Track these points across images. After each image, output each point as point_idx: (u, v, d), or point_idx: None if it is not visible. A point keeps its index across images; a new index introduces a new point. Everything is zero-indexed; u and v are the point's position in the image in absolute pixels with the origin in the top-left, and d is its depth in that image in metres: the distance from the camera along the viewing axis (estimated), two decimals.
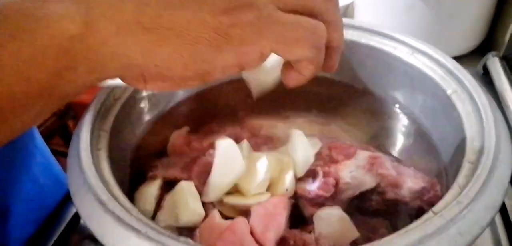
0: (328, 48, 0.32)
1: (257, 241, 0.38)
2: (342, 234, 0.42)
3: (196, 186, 0.45)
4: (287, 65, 0.33)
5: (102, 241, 0.31)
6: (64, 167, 0.58)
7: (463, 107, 0.41)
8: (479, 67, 0.78)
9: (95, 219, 0.32)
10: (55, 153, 0.58)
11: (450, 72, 0.45)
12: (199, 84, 0.29)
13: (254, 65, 0.29)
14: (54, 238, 0.52)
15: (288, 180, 0.45)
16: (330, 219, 0.42)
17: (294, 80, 0.33)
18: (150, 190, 0.46)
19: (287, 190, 0.44)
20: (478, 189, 0.31)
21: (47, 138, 0.61)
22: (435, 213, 0.30)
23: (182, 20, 0.26)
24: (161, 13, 0.26)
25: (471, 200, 0.30)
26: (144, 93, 0.50)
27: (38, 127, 0.86)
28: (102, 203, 0.33)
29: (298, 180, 0.46)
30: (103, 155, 0.40)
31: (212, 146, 0.53)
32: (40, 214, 0.53)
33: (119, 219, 0.31)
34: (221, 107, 0.59)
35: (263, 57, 0.29)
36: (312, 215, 0.44)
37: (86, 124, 0.41)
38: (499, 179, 0.32)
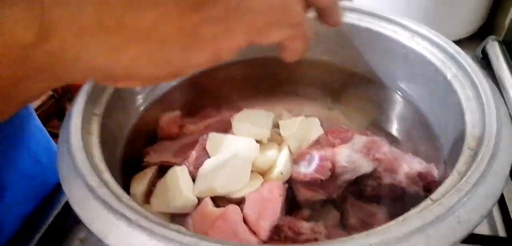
0: (321, 9, 0.31)
1: (250, 230, 0.37)
2: None
3: (190, 172, 0.44)
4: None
5: (91, 229, 0.30)
6: None
7: (464, 93, 0.40)
8: (478, 51, 0.77)
9: (84, 206, 0.31)
10: (52, 135, 0.58)
11: (450, 56, 0.44)
12: (174, 80, 0.28)
13: (231, 57, 0.28)
14: (50, 219, 0.51)
15: (282, 162, 0.44)
16: None
17: (289, 57, 0.32)
18: (145, 177, 0.45)
19: (282, 173, 0.44)
20: (478, 177, 0.30)
21: (44, 120, 0.61)
22: (433, 201, 0.29)
23: (146, 20, 0.24)
24: (123, 13, 0.24)
25: (471, 188, 0.29)
26: None
27: (36, 110, 0.85)
28: (91, 189, 0.32)
29: (294, 163, 0.46)
30: (95, 140, 0.39)
31: (207, 129, 0.53)
32: (41, 192, 0.53)
33: (108, 206, 0.30)
34: (217, 91, 0.58)
35: (240, 48, 0.27)
36: (306, 200, 0.44)
37: (77, 107, 0.40)
38: (500, 166, 0.31)
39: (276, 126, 0.50)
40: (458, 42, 0.45)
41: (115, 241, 0.29)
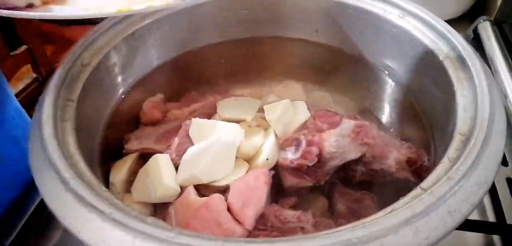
0: None
1: (235, 219, 0.36)
2: None
3: (173, 159, 0.42)
4: None
5: (64, 223, 0.28)
6: None
7: (456, 74, 0.39)
8: (470, 32, 0.76)
9: (56, 199, 0.30)
10: None
11: (442, 36, 0.42)
12: None
13: None
14: (32, 208, 0.50)
15: (268, 148, 0.42)
16: None
17: None
18: (125, 165, 0.43)
19: (267, 159, 0.42)
20: (470, 164, 0.29)
21: (28, 105, 0.59)
22: (423, 190, 0.28)
23: None
24: None
25: (463, 176, 0.28)
26: (115, 59, 0.46)
27: (18, 93, 0.83)
28: (64, 181, 0.30)
29: (281, 149, 0.44)
30: (69, 127, 0.37)
31: (192, 114, 0.51)
32: (23, 178, 0.51)
33: (81, 199, 0.29)
34: (202, 73, 0.56)
35: None
36: (292, 186, 0.42)
37: (50, 93, 0.38)
38: (493, 152, 0.30)
39: (262, 110, 0.48)
40: (449, 23, 0.43)
41: (88, 237, 0.27)
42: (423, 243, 0.25)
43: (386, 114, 0.51)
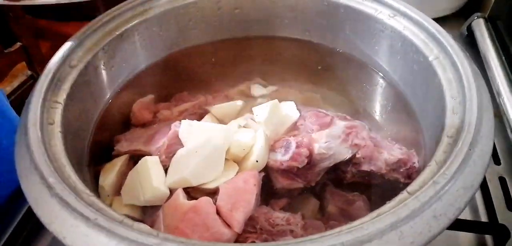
0: None
1: (224, 222, 0.35)
2: None
3: (162, 161, 0.42)
4: None
5: (50, 229, 0.28)
6: None
7: (445, 75, 0.38)
8: (464, 29, 0.76)
9: (41, 204, 0.29)
10: None
11: (432, 36, 0.42)
12: None
13: None
14: (25, 208, 0.49)
15: (257, 149, 0.42)
16: None
17: None
18: (114, 167, 0.43)
19: (257, 161, 0.42)
20: (457, 168, 0.28)
21: (22, 103, 0.58)
22: (410, 194, 0.28)
23: None
24: None
25: (449, 180, 0.28)
26: (104, 60, 0.46)
27: (13, 92, 0.81)
28: (49, 186, 0.30)
29: (271, 150, 0.44)
30: (56, 130, 0.36)
31: (182, 114, 0.50)
32: (11, 179, 0.51)
33: (66, 205, 0.28)
34: (192, 73, 0.56)
35: None
36: (283, 188, 0.42)
37: (36, 96, 0.37)
38: (480, 156, 0.30)
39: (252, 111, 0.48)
40: (444, 19, 0.43)
41: (74, 243, 0.27)
42: None
43: (377, 114, 0.51)
